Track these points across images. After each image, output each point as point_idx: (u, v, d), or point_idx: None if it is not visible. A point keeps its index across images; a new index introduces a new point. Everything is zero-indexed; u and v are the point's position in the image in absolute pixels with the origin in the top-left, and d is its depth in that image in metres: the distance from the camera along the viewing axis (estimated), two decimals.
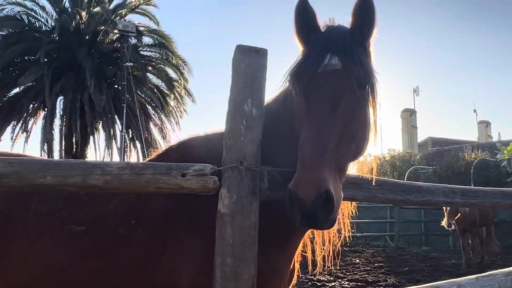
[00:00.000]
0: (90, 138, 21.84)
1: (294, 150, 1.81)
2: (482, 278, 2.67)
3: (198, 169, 1.79)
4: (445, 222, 10.64)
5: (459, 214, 10.65)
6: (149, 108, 23.05)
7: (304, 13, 1.98)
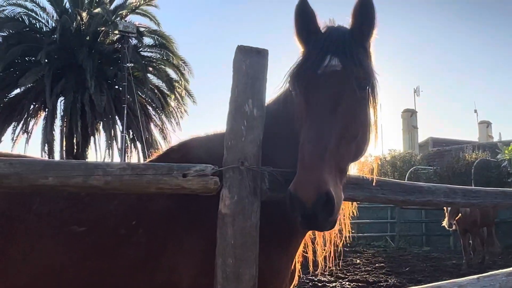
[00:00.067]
0: (91, 138, 21.87)
1: (295, 151, 1.81)
2: (483, 278, 2.67)
3: (199, 169, 1.79)
4: (446, 223, 10.63)
5: (460, 214, 10.64)
6: (149, 108, 23.07)
7: (304, 13, 1.98)
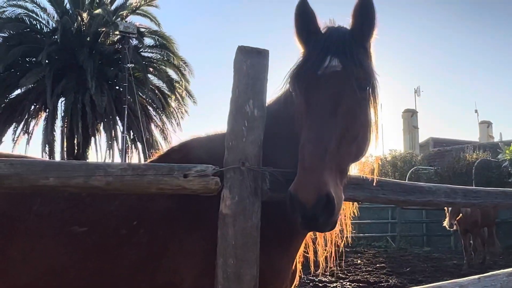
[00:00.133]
0: (92, 139, 21.89)
1: (296, 151, 1.80)
2: (484, 278, 2.67)
3: (200, 170, 1.79)
4: (446, 223, 10.63)
5: (461, 214, 10.64)
6: (150, 109, 23.09)
7: (304, 14, 1.98)
